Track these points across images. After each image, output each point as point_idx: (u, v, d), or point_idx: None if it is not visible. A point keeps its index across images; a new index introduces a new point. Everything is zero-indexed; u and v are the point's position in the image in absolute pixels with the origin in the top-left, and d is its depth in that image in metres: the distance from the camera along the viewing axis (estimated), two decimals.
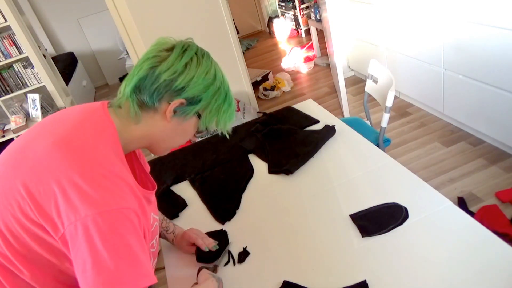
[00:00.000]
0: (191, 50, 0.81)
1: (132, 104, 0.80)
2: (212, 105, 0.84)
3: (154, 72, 0.78)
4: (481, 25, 2.07)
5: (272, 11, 6.07)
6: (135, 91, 0.80)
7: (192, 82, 0.79)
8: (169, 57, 0.79)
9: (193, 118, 0.84)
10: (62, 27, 5.26)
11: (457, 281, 0.89)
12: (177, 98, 0.79)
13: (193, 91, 0.80)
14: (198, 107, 0.82)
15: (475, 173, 2.23)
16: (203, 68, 0.81)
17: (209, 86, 0.81)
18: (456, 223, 1.03)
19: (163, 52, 0.80)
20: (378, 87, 1.94)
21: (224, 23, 3.14)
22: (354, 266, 1.00)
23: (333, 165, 1.42)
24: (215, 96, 0.83)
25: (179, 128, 0.85)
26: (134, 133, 0.82)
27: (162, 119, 0.82)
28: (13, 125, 3.39)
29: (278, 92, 3.88)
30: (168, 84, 0.78)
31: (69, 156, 0.69)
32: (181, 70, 0.78)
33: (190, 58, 0.80)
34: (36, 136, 0.75)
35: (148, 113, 0.81)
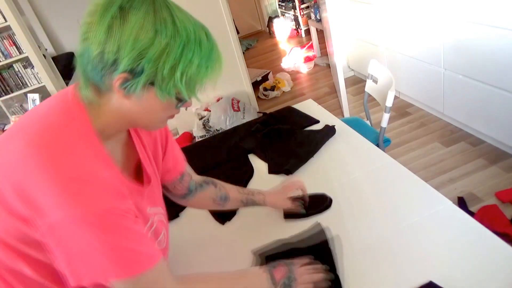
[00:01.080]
0: (114, 4, 0.61)
1: (84, 87, 0.67)
2: (161, 71, 0.63)
3: (85, 47, 0.62)
4: (481, 25, 2.07)
5: (272, 11, 6.08)
6: (83, 73, 0.66)
7: (121, 51, 0.60)
8: (94, 23, 0.62)
9: (150, 89, 0.65)
10: (62, 27, 5.26)
11: (457, 281, 0.89)
12: (116, 74, 0.62)
13: (126, 60, 0.61)
14: (144, 78, 0.63)
15: (475, 173, 2.23)
16: (131, 26, 0.60)
17: (147, 49, 0.61)
18: (456, 223, 1.03)
19: (92, 16, 0.63)
20: (378, 87, 1.94)
21: (224, 23, 3.14)
22: (354, 266, 1.00)
23: (333, 165, 1.42)
24: (162, 58, 0.62)
25: (143, 104, 0.68)
26: (106, 117, 0.69)
27: (120, 98, 0.66)
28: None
29: (278, 92, 3.88)
30: (100, 59, 0.62)
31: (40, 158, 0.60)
32: (105, 38, 0.60)
33: (111, 17, 0.60)
34: (11, 133, 0.67)
35: (106, 94, 0.67)
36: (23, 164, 0.60)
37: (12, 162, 0.61)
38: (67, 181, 0.59)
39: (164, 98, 0.66)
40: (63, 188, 0.59)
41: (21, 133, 0.65)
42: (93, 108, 0.68)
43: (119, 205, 0.64)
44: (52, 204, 0.58)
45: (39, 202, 0.58)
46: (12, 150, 0.63)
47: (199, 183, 1.10)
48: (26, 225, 0.61)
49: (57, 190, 0.58)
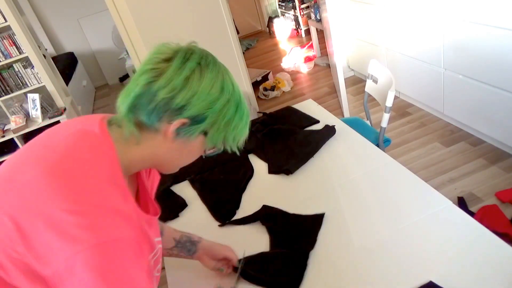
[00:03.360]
0: (193, 60, 0.69)
1: (128, 124, 0.70)
2: (220, 122, 0.72)
3: (150, 88, 0.68)
4: (481, 25, 2.07)
5: (272, 11, 6.07)
6: (131, 110, 0.70)
7: (194, 99, 0.68)
8: (168, 70, 0.68)
9: (200, 136, 0.73)
10: (62, 27, 5.26)
11: (457, 280, 0.89)
12: (178, 118, 0.69)
13: (196, 109, 0.69)
14: (203, 126, 0.71)
15: (475, 173, 2.23)
16: (208, 81, 0.69)
17: (215, 102, 0.70)
18: (456, 223, 1.03)
19: (161, 63, 0.69)
20: (378, 87, 1.94)
21: (224, 23, 3.14)
22: (354, 266, 1.00)
23: (333, 165, 1.42)
24: (223, 111, 0.72)
25: (184, 149, 0.75)
26: (135, 155, 0.73)
27: (164, 140, 0.72)
28: (13, 125, 3.38)
29: (278, 92, 3.88)
30: (167, 102, 0.67)
31: (60, 187, 0.61)
32: (181, 86, 0.67)
33: (192, 71, 0.68)
34: (25, 162, 0.67)
35: (149, 134, 0.71)
36: (48, 202, 0.60)
37: (33, 195, 0.61)
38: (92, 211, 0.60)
39: (210, 145, 0.76)
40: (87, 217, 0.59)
41: (41, 164, 0.64)
42: (123, 145, 0.71)
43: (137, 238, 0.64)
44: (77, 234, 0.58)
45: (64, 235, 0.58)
46: (31, 181, 0.62)
47: None
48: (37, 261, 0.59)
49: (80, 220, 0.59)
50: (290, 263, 1.04)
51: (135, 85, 0.70)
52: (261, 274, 1.03)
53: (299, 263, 1.03)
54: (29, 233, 0.59)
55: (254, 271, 1.04)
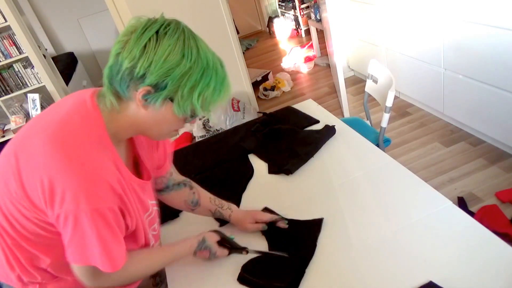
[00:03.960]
0: (151, 29, 0.73)
1: (108, 95, 0.78)
2: (182, 89, 0.74)
3: (118, 59, 0.74)
4: (481, 25, 2.07)
5: (272, 11, 6.07)
6: (109, 81, 0.77)
7: (151, 67, 0.72)
8: (130, 41, 0.73)
9: (167, 104, 0.77)
10: (62, 27, 5.26)
11: (457, 281, 0.89)
12: (142, 86, 0.74)
13: (154, 76, 0.72)
14: (165, 93, 0.74)
15: (475, 173, 2.23)
16: (164, 48, 0.72)
17: (174, 68, 0.72)
18: (456, 223, 1.03)
19: (127, 35, 0.74)
20: (378, 87, 1.94)
21: (224, 23, 3.14)
22: (354, 266, 1.00)
23: (333, 165, 1.42)
24: (184, 78, 0.74)
25: (158, 116, 0.79)
26: (120, 123, 0.80)
27: (138, 108, 0.78)
28: (13, 125, 3.38)
29: (278, 92, 3.88)
30: (130, 71, 0.73)
31: (56, 155, 0.73)
32: (139, 55, 0.72)
33: (148, 39, 0.72)
34: (32, 130, 0.80)
35: (126, 103, 0.79)
36: (47, 163, 0.72)
37: (36, 159, 0.73)
38: (83, 181, 0.72)
39: (179, 113, 0.78)
40: (79, 186, 0.71)
41: (44, 133, 0.76)
42: (109, 114, 0.80)
43: (116, 206, 0.78)
44: (69, 198, 0.71)
45: (59, 194, 0.71)
46: (36, 147, 0.74)
47: (177, 182, 1.17)
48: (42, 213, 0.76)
49: (74, 187, 0.71)
50: (288, 269, 1.03)
51: (110, 57, 0.77)
52: (258, 278, 1.02)
53: (297, 270, 1.02)
54: (28, 190, 0.74)
55: (251, 275, 1.04)
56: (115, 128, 0.80)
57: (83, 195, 0.71)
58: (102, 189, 0.74)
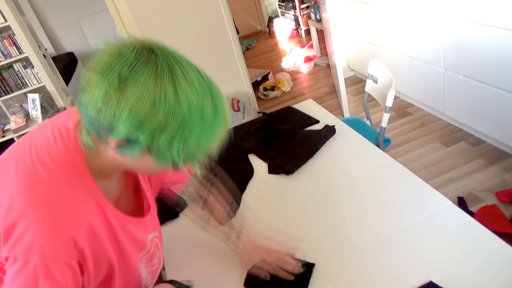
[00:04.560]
0: (113, 70, 0.58)
1: (83, 133, 0.67)
2: (157, 144, 0.61)
3: (84, 101, 0.61)
4: (481, 25, 2.07)
5: (272, 11, 6.07)
6: (82, 119, 0.65)
7: (116, 120, 0.58)
8: (92, 83, 0.59)
9: (146, 155, 0.64)
10: (62, 27, 5.26)
11: (457, 281, 0.89)
12: (111, 138, 0.61)
13: (122, 129, 0.59)
14: (140, 147, 0.61)
15: (475, 173, 2.22)
16: (128, 98, 0.57)
17: (143, 121, 0.58)
18: (456, 223, 1.03)
19: (91, 72, 0.60)
20: (378, 87, 1.94)
21: (224, 23, 3.14)
22: (354, 266, 1.00)
23: (333, 165, 1.42)
24: (157, 132, 0.59)
25: (138, 164, 0.67)
26: (101, 160, 0.69)
27: (115, 154, 0.66)
28: (13, 125, 3.38)
29: (278, 92, 3.88)
30: (96, 119, 0.60)
31: (24, 194, 0.64)
32: (101, 104, 0.58)
33: (108, 85, 0.57)
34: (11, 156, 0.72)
35: (103, 144, 0.66)
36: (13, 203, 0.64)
37: (4, 196, 0.65)
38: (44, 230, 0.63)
39: (160, 165, 0.66)
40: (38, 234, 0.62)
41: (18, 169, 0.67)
42: (91, 152, 0.69)
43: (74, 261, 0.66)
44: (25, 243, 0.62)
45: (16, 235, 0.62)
46: (6, 183, 0.66)
47: (192, 197, 1.10)
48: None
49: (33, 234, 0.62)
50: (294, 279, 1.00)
51: None
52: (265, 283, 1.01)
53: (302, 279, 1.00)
54: None
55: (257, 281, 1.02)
56: (97, 166, 0.70)
57: (39, 246, 0.62)
58: (61, 243, 0.64)
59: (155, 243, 0.87)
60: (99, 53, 0.61)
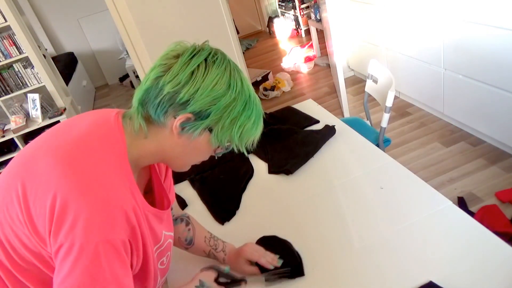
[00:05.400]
0: (200, 56, 0.70)
1: (137, 117, 0.73)
2: (224, 120, 0.72)
3: (158, 83, 0.70)
4: (481, 25, 2.07)
5: (272, 11, 6.07)
6: (141, 103, 0.72)
7: (197, 94, 0.69)
8: (175, 65, 0.69)
9: (204, 134, 0.73)
10: (62, 27, 5.26)
11: (457, 281, 0.89)
12: (182, 113, 0.70)
13: (199, 104, 0.69)
14: (207, 122, 0.71)
15: (475, 173, 2.23)
16: (212, 77, 0.69)
17: (219, 98, 0.70)
18: (456, 223, 1.03)
19: (171, 59, 0.71)
20: (378, 87, 1.94)
21: (224, 23, 3.14)
22: (354, 266, 1.00)
23: (333, 165, 1.42)
24: (228, 109, 0.71)
25: (190, 145, 0.75)
26: (144, 148, 0.75)
27: (170, 135, 0.73)
28: (13, 125, 3.38)
29: (278, 92, 3.88)
30: (171, 97, 0.69)
31: (69, 177, 0.65)
32: (186, 81, 0.68)
33: (197, 66, 0.69)
34: (41, 149, 0.72)
35: (157, 128, 0.73)
36: (60, 184, 0.64)
37: (46, 181, 0.65)
38: (97, 209, 0.64)
39: (215, 144, 0.75)
40: (92, 213, 0.63)
41: (56, 152, 0.69)
42: (134, 138, 0.74)
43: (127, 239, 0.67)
44: (80, 227, 0.62)
45: (69, 221, 0.62)
46: (46, 168, 0.67)
47: (174, 217, 1.09)
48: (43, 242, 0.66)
49: (87, 214, 0.62)
50: None
51: (146, 80, 0.72)
52: None
53: None
54: (34, 215, 0.65)
55: None
56: (137, 154, 0.74)
57: (96, 224, 0.63)
58: (117, 219, 0.66)
59: (168, 241, 0.89)
60: (171, 46, 0.72)
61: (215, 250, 1.08)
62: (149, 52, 2.96)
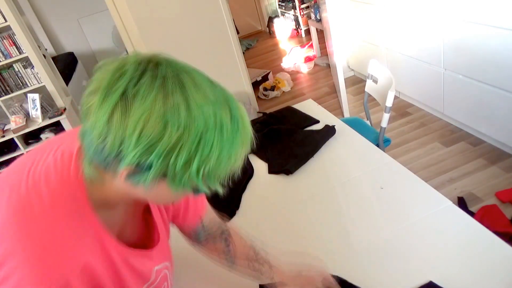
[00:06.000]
0: (116, 89, 0.51)
1: (86, 165, 0.59)
2: (173, 167, 0.53)
3: (87, 129, 0.54)
4: (481, 25, 2.07)
5: (272, 11, 6.08)
6: (84, 148, 0.57)
7: (124, 147, 0.52)
8: (93, 108, 0.52)
9: (160, 181, 0.56)
10: (62, 27, 5.26)
11: (457, 281, 0.89)
12: (120, 167, 0.54)
13: (132, 156, 0.52)
14: (153, 173, 0.54)
15: (475, 173, 2.23)
16: (135, 119, 0.50)
17: (155, 144, 0.51)
18: (456, 223, 1.03)
19: (90, 95, 0.53)
20: (378, 87, 1.94)
21: (224, 23, 3.14)
22: (354, 266, 1.00)
23: (333, 165, 1.42)
24: (173, 153, 0.52)
25: (152, 193, 0.60)
26: (107, 193, 0.62)
27: (126, 185, 0.58)
28: (13, 125, 3.38)
29: (278, 92, 3.88)
30: (101, 149, 0.53)
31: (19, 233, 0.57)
32: (106, 130, 0.51)
33: (112, 107, 0.51)
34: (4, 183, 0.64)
35: (111, 176, 0.59)
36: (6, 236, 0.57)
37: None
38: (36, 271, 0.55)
39: (177, 190, 0.58)
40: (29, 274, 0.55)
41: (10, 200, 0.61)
42: (94, 183, 0.62)
43: None
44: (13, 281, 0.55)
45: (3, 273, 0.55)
46: None
47: (213, 236, 0.96)
48: None
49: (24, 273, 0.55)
50: None
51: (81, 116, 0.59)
52: None
53: None
54: None
55: None
56: (100, 197, 0.63)
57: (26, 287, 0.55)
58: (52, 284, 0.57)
59: (162, 274, 0.80)
60: (99, 72, 0.55)
61: (260, 273, 0.94)
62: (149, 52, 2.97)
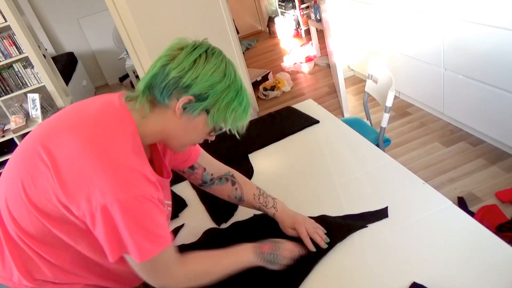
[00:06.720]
0: (201, 48, 0.84)
1: (141, 99, 0.84)
2: (220, 103, 0.84)
3: (164, 69, 0.82)
4: (481, 25, 2.07)
5: (272, 11, 6.07)
6: (148, 87, 0.84)
7: (198, 79, 0.81)
8: (179, 55, 0.82)
9: (202, 115, 0.86)
10: (62, 27, 5.26)
11: (457, 281, 0.89)
12: (185, 95, 0.82)
13: (199, 87, 0.81)
14: (205, 104, 0.83)
15: (475, 173, 2.23)
16: (211, 66, 0.82)
17: (216, 84, 0.83)
18: (456, 223, 1.03)
19: (175, 50, 0.83)
20: (378, 87, 1.94)
21: (224, 23, 3.14)
22: (354, 266, 1.00)
23: (333, 165, 1.42)
24: (224, 94, 0.84)
25: (189, 125, 0.87)
26: (148, 128, 0.86)
27: (173, 116, 0.85)
28: (13, 125, 3.38)
29: (278, 92, 3.88)
30: (176, 81, 0.81)
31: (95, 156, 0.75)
32: (189, 68, 0.81)
33: (198, 55, 0.82)
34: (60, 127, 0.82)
35: (160, 109, 0.85)
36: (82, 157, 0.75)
37: (70, 154, 0.76)
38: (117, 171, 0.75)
39: (211, 124, 0.88)
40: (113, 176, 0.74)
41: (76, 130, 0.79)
42: (139, 118, 0.84)
43: (154, 194, 0.80)
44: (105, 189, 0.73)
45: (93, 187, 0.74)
46: (69, 144, 0.77)
47: (218, 177, 1.19)
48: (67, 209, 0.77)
49: (109, 177, 0.74)
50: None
51: (152, 68, 0.84)
52: None
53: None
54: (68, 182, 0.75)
55: None
56: (143, 132, 0.85)
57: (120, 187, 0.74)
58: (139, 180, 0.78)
59: (168, 209, 0.97)
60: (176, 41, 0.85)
61: (265, 207, 1.17)
62: (149, 52, 2.96)
